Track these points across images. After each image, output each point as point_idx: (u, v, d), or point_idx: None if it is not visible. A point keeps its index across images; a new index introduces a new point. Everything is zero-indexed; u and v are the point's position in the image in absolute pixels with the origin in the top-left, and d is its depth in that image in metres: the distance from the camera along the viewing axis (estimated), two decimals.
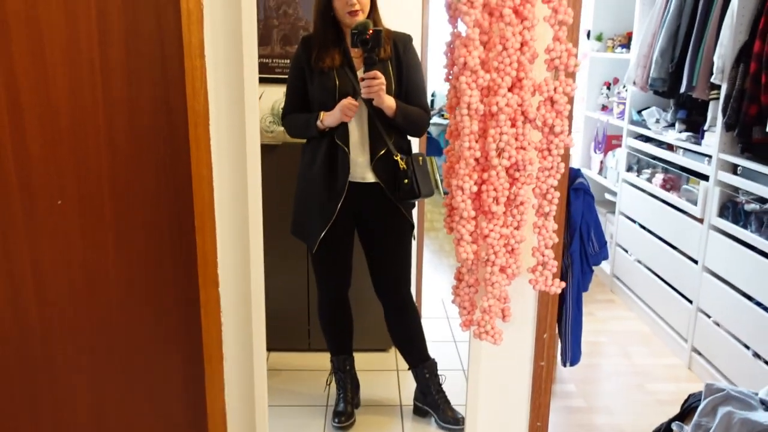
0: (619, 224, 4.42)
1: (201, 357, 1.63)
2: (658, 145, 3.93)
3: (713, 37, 3.31)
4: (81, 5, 1.51)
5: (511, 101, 1.24)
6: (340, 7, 2.38)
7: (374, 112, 2.43)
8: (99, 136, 1.58)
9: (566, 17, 1.23)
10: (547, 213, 1.33)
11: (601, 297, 4.49)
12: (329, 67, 2.43)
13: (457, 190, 1.29)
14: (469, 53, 1.22)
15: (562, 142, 1.28)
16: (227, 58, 1.45)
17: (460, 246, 1.32)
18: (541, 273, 1.36)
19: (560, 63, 1.25)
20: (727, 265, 3.18)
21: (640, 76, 3.95)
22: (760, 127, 2.94)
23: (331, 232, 2.51)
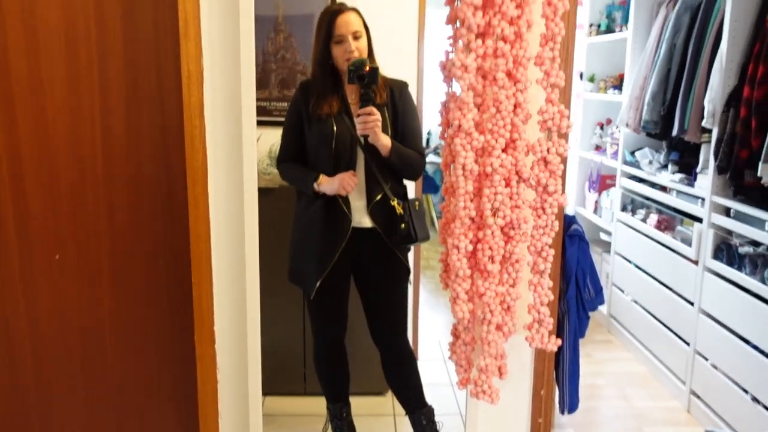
0: (614, 264, 4.43)
1: (196, 413, 1.62)
2: (652, 186, 3.96)
3: (703, 81, 3.37)
4: (83, 65, 1.54)
5: (505, 162, 1.26)
6: (339, 54, 2.41)
7: (370, 157, 2.44)
8: (98, 194, 1.60)
9: (558, 80, 1.25)
10: (543, 270, 1.33)
11: (599, 337, 4.47)
12: (327, 114, 2.44)
13: (452, 249, 1.30)
14: (464, 116, 1.24)
15: (556, 201, 1.30)
16: (226, 117, 1.47)
17: (456, 305, 1.32)
18: (537, 330, 1.37)
19: (553, 124, 1.27)
20: (723, 308, 3.17)
21: (633, 118, 3.99)
22: (752, 171, 2.97)
23: (328, 278, 2.51)
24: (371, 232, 2.50)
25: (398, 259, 2.56)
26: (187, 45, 1.42)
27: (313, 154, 2.50)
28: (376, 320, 2.66)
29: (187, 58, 1.43)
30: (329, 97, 2.45)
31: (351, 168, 2.45)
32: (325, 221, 2.48)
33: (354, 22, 2.41)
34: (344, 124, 2.45)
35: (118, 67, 1.55)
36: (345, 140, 2.44)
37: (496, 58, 1.23)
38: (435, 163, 6.90)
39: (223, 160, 1.52)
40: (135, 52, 1.55)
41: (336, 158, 2.44)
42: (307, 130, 2.51)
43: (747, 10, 3.07)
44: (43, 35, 1.54)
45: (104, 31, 1.55)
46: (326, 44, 2.42)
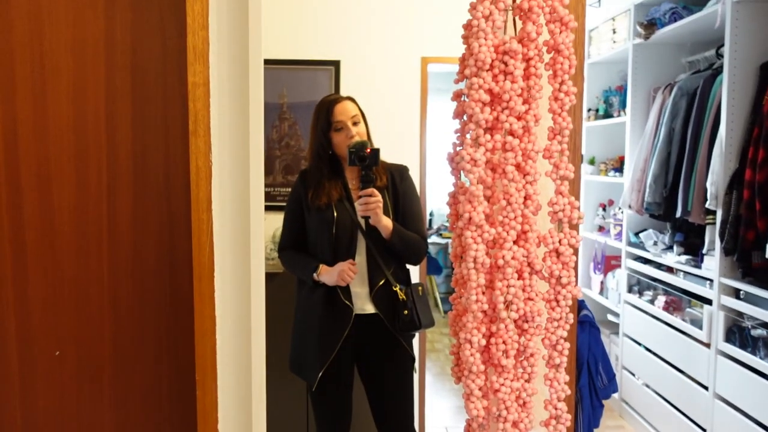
0: (623, 346, 4.35)
1: None
2: (658, 267, 3.94)
3: (704, 163, 3.40)
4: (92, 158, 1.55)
5: (517, 254, 1.25)
6: (340, 141, 2.44)
7: (372, 242, 2.43)
8: (102, 288, 1.58)
9: (567, 173, 1.26)
10: (558, 364, 1.30)
11: (611, 423, 4.34)
12: (326, 203, 2.44)
13: (465, 344, 1.27)
14: (474, 209, 1.24)
15: (570, 293, 1.28)
16: (233, 212, 1.47)
17: (470, 401, 1.28)
18: (555, 427, 1.32)
19: (564, 216, 1.27)
20: (739, 392, 3.09)
21: (635, 200, 4.02)
22: (759, 252, 2.95)
23: (330, 368, 2.45)
24: (374, 318, 2.45)
25: (402, 347, 2.51)
26: (196, 141, 1.44)
27: (313, 239, 2.50)
28: (382, 411, 2.58)
29: (196, 154, 1.44)
30: (329, 185, 2.46)
31: (351, 253, 2.43)
32: (326, 310, 2.44)
33: (351, 109, 2.46)
34: (345, 209, 2.45)
35: (126, 162, 1.56)
36: (345, 225, 2.43)
37: (505, 152, 1.24)
38: (438, 243, 6.90)
39: (230, 254, 1.51)
40: (144, 148, 1.57)
41: (336, 244, 2.43)
42: (307, 217, 2.51)
43: (743, 95, 3.14)
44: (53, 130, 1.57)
45: (113, 127, 1.57)
46: (326, 133, 2.46)
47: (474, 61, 1.25)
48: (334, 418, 2.60)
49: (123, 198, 1.57)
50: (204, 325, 1.47)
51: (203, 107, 1.44)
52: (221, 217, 1.49)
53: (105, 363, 1.61)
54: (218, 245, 1.48)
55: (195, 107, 1.44)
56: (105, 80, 1.53)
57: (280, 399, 3.16)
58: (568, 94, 1.27)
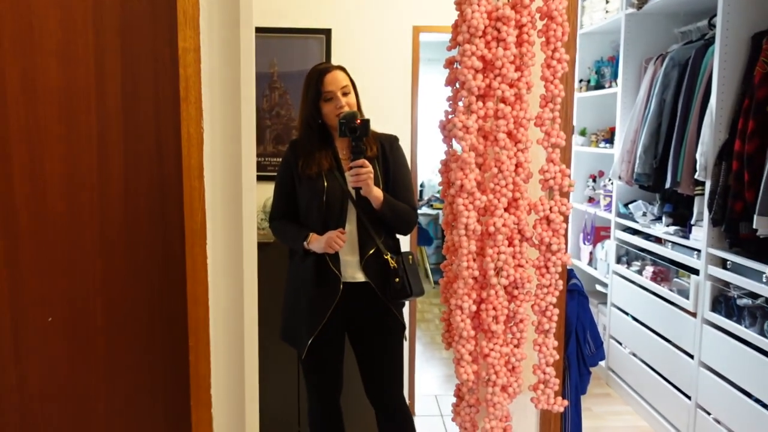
0: (611, 316, 4.40)
1: None
2: (646, 238, 3.97)
3: (694, 134, 3.41)
4: (83, 126, 1.54)
5: (507, 221, 1.26)
6: (329, 111, 2.43)
7: (362, 211, 2.44)
8: (94, 254, 1.58)
9: (559, 140, 1.26)
10: (547, 330, 1.32)
11: (598, 391, 4.41)
12: (317, 172, 2.44)
13: (456, 310, 1.28)
14: (466, 176, 1.24)
15: (560, 260, 1.29)
16: (225, 179, 1.47)
17: (460, 366, 1.30)
18: (543, 391, 1.34)
19: (555, 183, 1.28)
20: (724, 361, 3.14)
21: (625, 171, 4.03)
22: (747, 223, 2.98)
23: (320, 336, 2.47)
24: (365, 287, 2.47)
25: (393, 315, 2.53)
26: (187, 108, 1.43)
27: (304, 209, 2.51)
28: (371, 377, 2.61)
29: (188, 121, 1.43)
30: (319, 155, 2.46)
31: (342, 222, 2.44)
32: (316, 278, 2.45)
33: (341, 78, 2.45)
34: (335, 179, 2.45)
35: (117, 128, 1.55)
36: (336, 195, 2.44)
37: (497, 120, 1.25)
38: (429, 215, 6.92)
39: (222, 222, 1.50)
40: (135, 115, 1.55)
41: (327, 213, 2.43)
42: (298, 187, 2.52)
43: (734, 66, 3.14)
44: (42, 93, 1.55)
45: (103, 92, 1.56)
46: (315, 103, 2.45)
47: (467, 27, 1.25)
48: (324, 385, 2.63)
49: (114, 163, 1.56)
50: (196, 292, 1.47)
51: (194, 73, 1.42)
52: (213, 184, 1.49)
53: (97, 329, 1.62)
54: (210, 212, 1.48)
55: (186, 73, 1.42)
56: (94, 43, 1.51)
57: (272, 367, 3.19)
58: (561, 62, 1.27)
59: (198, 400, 1.50)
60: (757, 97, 2.93)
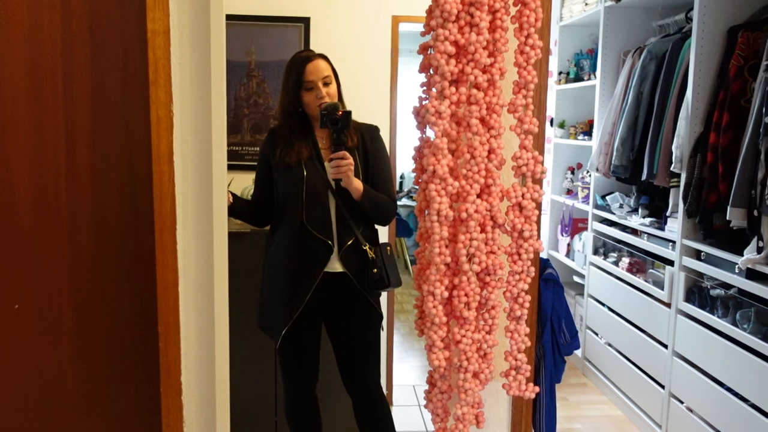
0: (588, 307, 4.44)
1: None
2: (623, 230, 4.00)
3: (670, 127, 3.44)
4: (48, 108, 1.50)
5: (480, 207, 1.26)
6: (310, 101, 2.41)
7: (341, 201, 2.42)
8: (61, 241, 1.54)
9: (531, 127, 1.26)
10: (519, 317, 1.32)
11: (574, 380, 4.45)
12: (296, 162, 2.43)
13: (428, 296, 1.28)
14: (438, 162, 1.24)
15: (532, 247, 1.29)
16: (196, 163, 1.45)
17: (432, 352, 1.29)
18: (515, 378, 1.34)
19: (527, 170, 1.27)
20: (697, 351, 3.18)
21: (603, 163, 4.06)
22: (721, 215, 3.02)
23: (296, 325, 2.46)
24: (342, 277, 2.46)
25: (370, 305, 2.53)
26: (156, 91, 1.40)
27: (282, 198, 2.48)
28: (348, 367, 2.61)
29: (157, 104, 1.40)
30: (297, 145, 2.44)
31: (324, 210, 2.43)
32: (295, 265, 2.44)
33: (323, 68, 2.42)
34: (315, 169, 2.44)
35: (85, 111, 1.51)
36: (316, 185, 2.42)
37: (469, 105, 1.24)
38: (408, 206, 6.92)
39: (193, 207, 1.48)
40: (103, 97, 1.52)
41: (307, 203, 2.42)
42: (276, 176, 2.50)
43: (710, 59, 3.16)
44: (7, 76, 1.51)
45: (71, 75, 1.52)
46: (296, 91, 2.42)
47: (440, 12, 1.24)
48: (300, 374, 2.63)
49: (82, 147, 1.52)
50: (166, 278, 1.45)
51: (164, 56, 1.40)
52: (183, 169, 1.46)
53: (65, 316, 1.59)
54: (180, 197, 1.46)
55: (155, 56, 1.40)
56: (61, 26, 1.47)
57: (249, 356, 3.17)
58: (534, 48, 1.27)
59: (168, 387, 1.48)
60: (732, 91, 2.96)
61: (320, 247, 2.43)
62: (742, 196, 2.77)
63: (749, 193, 2.74)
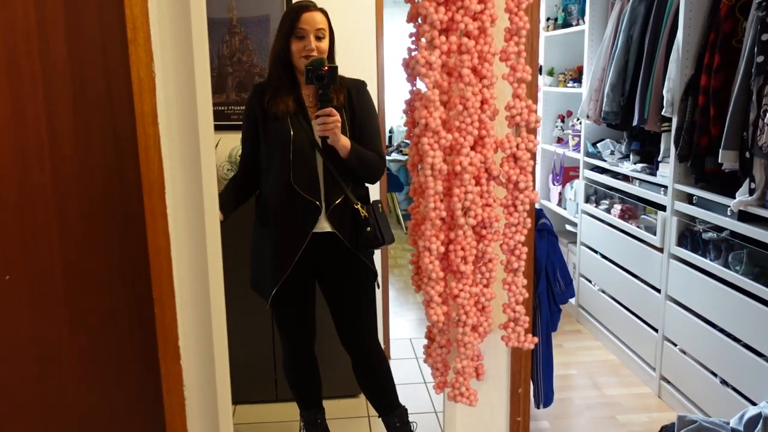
0: (581, 255, 4.46)
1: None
2: (614, 177, 4.00)
3: (661, 71, 3.40)
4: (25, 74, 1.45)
5: (474, 160, 1.23)
6: (297, 50, 2.34)
7: (329, 159, 2.38)
8: (48, 209, 1.51)
9: (525, 75, 1.23)
10: (516, 269, 1.31)
11: (568, 328, 4.51)
12: (283, 114, 2.37)
13: (424, 251, 1.26)
14: (430, 114, 1.20)
15: (527, 198, 1.27)
16: (181, 124, 1.41)
17: (430, 308, 1.29)
18: (513, 329, 1.34)
19: (521, 120, 1.25)
20: (690, 294, 3.22)
21: (593, 110, 4.02)
22: (712, 158, 3.01)
23: (288, 285, 2.45)
24: (331, 236, 2.43)
25: (362, 263, 2.51)
26: (136, 50, 1.34)
27: (268, 158, 2.43)
28: (344, 326, 2.61)
29: (137, 64, 1.35)
30: (285, 96, 2.38)
31: (308, 171, 2.38)
32: (281, 227, 2.42)
33: (319, 21, 2.35)
34: (301, 126, 2.39)
35: (63, 74, 1.46)
36: (302, 143, 2.37)
37: (460, 55, 1.20)
38: (399, 161, 6.88)
39: (181, 169, 1.45)
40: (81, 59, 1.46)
41: (294, 162, 2.37)
42: (263, 133, 2.44)
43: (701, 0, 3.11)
44: None
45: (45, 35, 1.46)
46: (287, 39, 2.35)
47: None
48: (295, 334, 2.63)
49: (63, 112, 1.48)
50: (157, 242, 1.43)
51: (141, 13, 1.34)
52: (168, 130, 1.42)
53: (57, 285, 1.57)
54: (167, 160, 1.42)
55: (132, 13, 1.34)
56: None
57: (246, 316, 3.18)
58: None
59: (166, 352, 1.48)
60: (723, 31, 2.91)
61: (308, 208, 2.40)
62: (734, 138, 2.76)
63: (741, 134, 2.73)
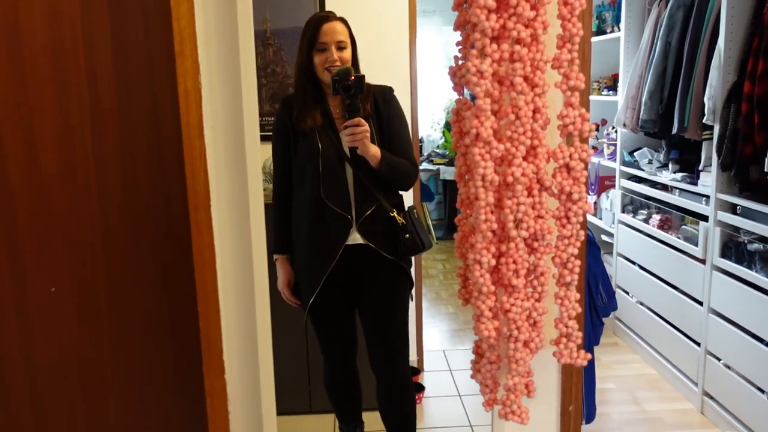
0: (617, 266, 4.38)
1: None
2: (653, 186, 3.92)
3: (701, 77, 3.33)
4: (74, 87, 1.46)
5: (526, 170, 1.20)
6: (319, 63, 2.30)
7: (359, 170, 2.33)
8: (93, 222, 1.51)
9: (578, 83, 1.19)
10: (569, 283, 1.27)
11: (605, 340, 4.42)
12: (311, 128, 2.33)
13: (474, 265, 1.23)
14: (481, 124, 1.17)
15: (581, 209, 1.24)
16: (227, 136, 1.40)
17: (480, 323, 1.25)
18: (566, 345, 1.30)
19: (574, 129, 1.21)
20: (734, 306, 3.12)
21: (630, 118, 3.96)
22: (757, 167, 2.93)
23: (323, 299, 2.40)
24: (365, 248, 2.36)
25: (398, 273, 2.44)
26: (183, 62, 1.34)
27: (300, 172, 2.39)
28: (375, 341, 2.51)
29: (184, 76, 1.35)
30: (312, 110, 2.35)
31: (339, 185, 2.33)
32: (313, 242, 2.37)
33: (340, 31, 2.31)
34: (329, 139, 2.34)
35: (109, 87, 1.46)
36: (331, 156, 2.33)
37: (512, 63, 1.17)
38: (429, 170, 6.84)
39: (227, 181, 1.43)
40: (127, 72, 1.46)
41: (324, 176, 2.32)
42: (293, 146, 2.40)
43: (743, 5, 3.04)
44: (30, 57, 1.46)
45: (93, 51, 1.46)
46: (308, 52, 2.32)
47: None
48: (334, 348, 2.57)
49: (109, 125, 1.48)
50: (203, 256, 1.41)
51: (188, 25, 1.34)
52: (214, 142, 1.41)
53: (101, 298, 1.56)
54: (213, 172, 1.41)
55: (179, 26, 1.34)
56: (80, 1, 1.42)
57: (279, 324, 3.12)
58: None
59: (210, 367, 1.46)
60: (767, 37, 2.84)
61: (339, 221, 2.34)
62: None
63: None
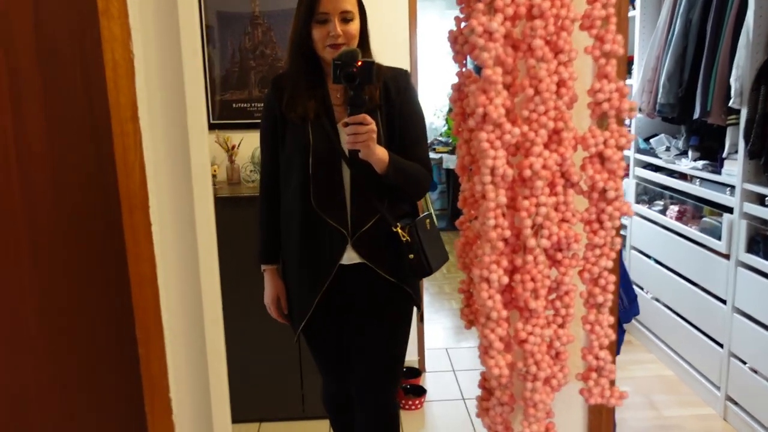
0: (631, 259, 4.11)
1: None
2: (670, 175, 3.65)
3: (726, 57, 3.05)
4: None
5: (548, 161, 0.92)
6: (319, 38, 1.89)
7: (359, 172, 1.92)
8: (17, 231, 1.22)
9: (615, 47, 0.91)
10: (601, 304, 0.99)
11: None
12: (302, 117, 1.94)
13: (481, 283, 0.95)
14: (490, 101, 0.89)
15: (617, 212, 0.96)
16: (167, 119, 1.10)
17: (488, 356, 0.97)
18: (596, 382, 1.03)
19: (610, 107, 0.93)
20: (761, 306, 2.86)
21: (646, 103, 3.68)
22: None
23: (317, 323, 2.07)
24: (363, 267, 1.98)
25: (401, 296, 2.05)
26: (109, 24, 1.05)
27: (287, 167, 2.00)
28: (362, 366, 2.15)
29: (111, 43, 1.06)
30: (305, 95, 1.93)
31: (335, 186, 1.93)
32: (303, 259, 2.03)
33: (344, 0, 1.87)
34: (323, 132, 1.92)
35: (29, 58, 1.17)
36: (323, 153, 1.92)
37: (530, 21, 0.90)
38: (431, 159, 6.57)
39: (168, 177, 1.15)
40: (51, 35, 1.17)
41: (314, 177, 1.94)
42: (280, 136, 2.02)
43: None
44: None
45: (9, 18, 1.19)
46: (306, 24, 1.90)
47: None
48: (330, 369, 2.25)
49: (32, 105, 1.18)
50: (141, 270, 1.13)
51: None
52: (152, 128, 1.13)
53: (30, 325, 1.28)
54: (151, 166, 1.13)
55: None
56: None
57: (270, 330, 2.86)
58: None
59: (154, 405, 1.18)
60: None
61: (332, 236, 1.96)
62: None
63: None
